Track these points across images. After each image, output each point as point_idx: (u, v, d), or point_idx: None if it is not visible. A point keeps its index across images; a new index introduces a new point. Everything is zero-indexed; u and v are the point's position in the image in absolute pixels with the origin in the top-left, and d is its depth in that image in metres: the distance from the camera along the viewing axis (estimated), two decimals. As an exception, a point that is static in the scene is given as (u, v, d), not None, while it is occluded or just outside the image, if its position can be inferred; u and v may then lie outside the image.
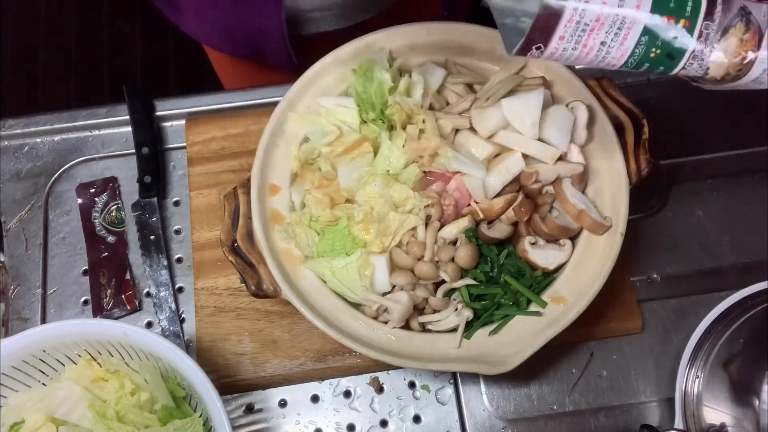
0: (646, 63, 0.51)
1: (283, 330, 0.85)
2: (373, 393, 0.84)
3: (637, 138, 0.79)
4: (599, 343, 0.85)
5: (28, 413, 0.71)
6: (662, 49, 0.49)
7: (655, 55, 0.50)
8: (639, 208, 0.90)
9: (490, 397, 0.83)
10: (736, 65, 0.50)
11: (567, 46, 0.49)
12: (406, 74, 0.81)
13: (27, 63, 2.18)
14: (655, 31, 0.48)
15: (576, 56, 0.50)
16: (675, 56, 0.50)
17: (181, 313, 0.88)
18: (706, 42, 0.49)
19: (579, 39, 0.49)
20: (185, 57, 2.12)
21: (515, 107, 0.76)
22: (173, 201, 0.94)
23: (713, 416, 0.76)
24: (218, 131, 0.94)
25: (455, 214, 0.77)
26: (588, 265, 0.75)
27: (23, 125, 0.97)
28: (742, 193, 0.92)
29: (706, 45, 0.49)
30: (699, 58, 0.50)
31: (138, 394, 0.73)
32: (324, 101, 0.80)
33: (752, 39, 0.49)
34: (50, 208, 0.93)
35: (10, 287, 0.89)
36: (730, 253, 0.89)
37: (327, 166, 0.79)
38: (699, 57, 0.50)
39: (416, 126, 0.77)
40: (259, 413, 0.83)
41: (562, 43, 0.49)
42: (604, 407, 0.83)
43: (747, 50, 0.49)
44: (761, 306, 0.79)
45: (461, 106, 0.80)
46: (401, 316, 0.73)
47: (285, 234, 0.76)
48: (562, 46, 0.49)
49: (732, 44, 0.49)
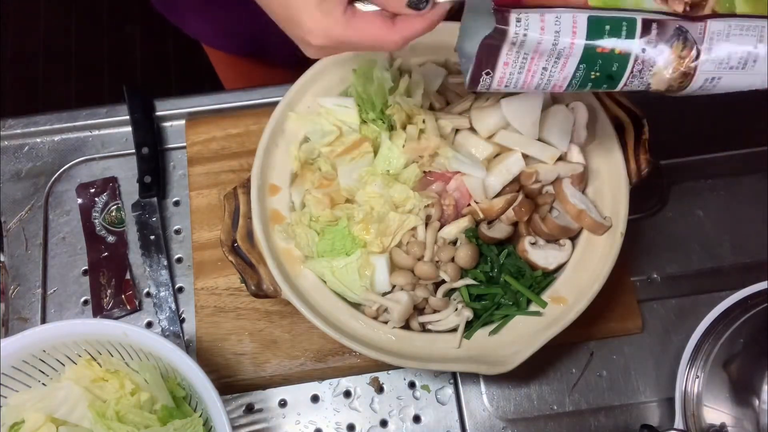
0: (589, 83, 0.52)
1: (283, 330, 0.85)
2: (373, 393, 0.84)
3: (637, 138, 0.79)
4: (599, 343, 0.85)
5: (28, 413, 0.71)
6: (601, 72, 0.51)
7: (596, 77, 0.52)
8: (639, 208, 0.90)
9: (490, 397, 0.83)
10: (677, 79, 0.52)
11: (513, 71, 0.51)
12: (406, 74, 0.81)
13: (27, 63, 2.18)
14: (590, 60, 0.50)
15: (522, 82, 0.52)
16: (615, 77, 0.52)
17: (181, 313, 0.88)
18: (644, 64, 0.51)
19: (522, 65, 0.51)
20: (185, 57, 2.12)
21: (515, 107, 0.76)
22: (173, 201, 0.94)
23: (713, 416, 0.76)
24: (218, 131, 0.94)
25: (455, 214, 0.77)
26: (588, 265, 0.75)
27: (23, 125, 0.97)
28: (742, 193, 0.92)
29: (644, 65, 0.51)
30: (638, 77, 0.52)
31: (138, 394, 0.73)
32: (324, 101, 0.80)
33: (689, 54, 0.51)
34: (50, 208, 0.93)
35: (10, 287, 0.89)
36: (730, 253, 0.89)
37: (327, 166, 0.79)
38: (638, 75, 0.52)
39: (416, 126, 0.77)
40: (259, 413, 0.83)
41: (507, 68, 0.51)
42: (604, 407, 0.83)
43: (686, 64, 0.51)
44: (761, 306, 0.79)
45: (461, 106, 0.80)
46: (401, 316, 0.73)
47: (285, 234, 0.76)
48: (508, 71, 0.51)
49: (670, 60, 0.51)
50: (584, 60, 0.51)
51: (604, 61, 0.51)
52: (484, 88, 0.53)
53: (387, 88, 0.78)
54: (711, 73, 0.52)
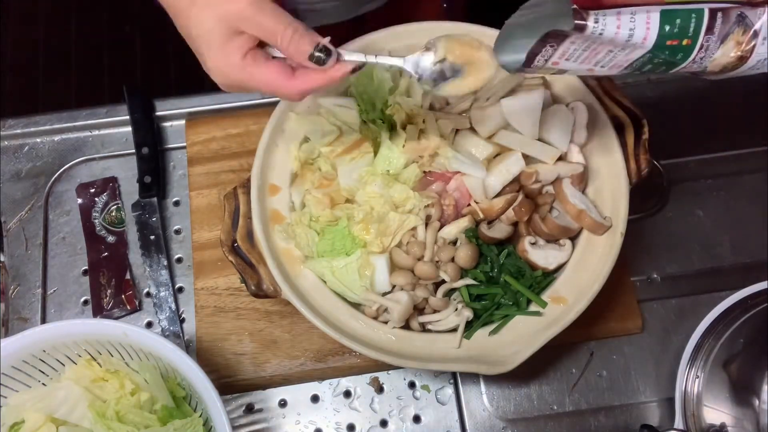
0: (648, 66, 0.54)
1: (283, 330, 0.85)
2: (373, 393, 0.84)
3: (637, 138, 0.79)
4: (599, 343, 0.85)
5: (28, 413, 0.71)
6: (665, 59, 0.54)
7: (658, 62, 0.54)
8: (639, 208, 0.90)
9: (490, 397, 0.83)
10: (733, 61, 0.54)
11: (578, 48, 0.52)
12: (406, 74, 0.81)
13: (27, 63, 2.17)
14: (658, 50, 0.53)
15: (584, 57, 0.53)
16: (676, 63, 0.54)
17: (181, 313, 0.88)
18: (707, 51, 0.53)
19: (589, 46, 0.52)
20: (185, 57, 2.11)
21: (515, 107, 0.76)
22: (173, 201, 0.94)
23: (713, 416, 0.76)
24: (218, 131, 0.94)
25: (455, 214, 0.77)
26: (588, 265, 0.75)
27: (23, 125, 0.97)
28: (742, 193, 0.92)
29: (707, 53, 0.53)
30: (698, 62, 0.54)
31: (138, 394, 0.73)
32: (324, 101, 0.80)
33: (748, 38, 0.52)
34: (50, 208, 0.93)
35: (10, 287, 0.89)
36: (730, 253, 0.89)
37: (327, 166, 0.79)
38: (698, 62, 0.54)
39: (416, 126, 0.77)
40: (259, 413, 0.83)
41: (572, 45, 0.52)
42: (604, 407, 0.83)
43: (743, 48, 0.53)
44: (761, 306, 0.79)
45: (461, 106, 0.80)
46: (401, 316, 0.73)
47: (285, 234, 0.76)
48: (572, 47, 0.52)
49: (730, 46, 0.53)
50: (653, 50, 0.52)
51: (671, 51, 0.53)
52: (540, 62, 0.53)
53: (387, 88, 0.78)
54: (764, 54, 0.54)
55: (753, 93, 0.88)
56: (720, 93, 0.93)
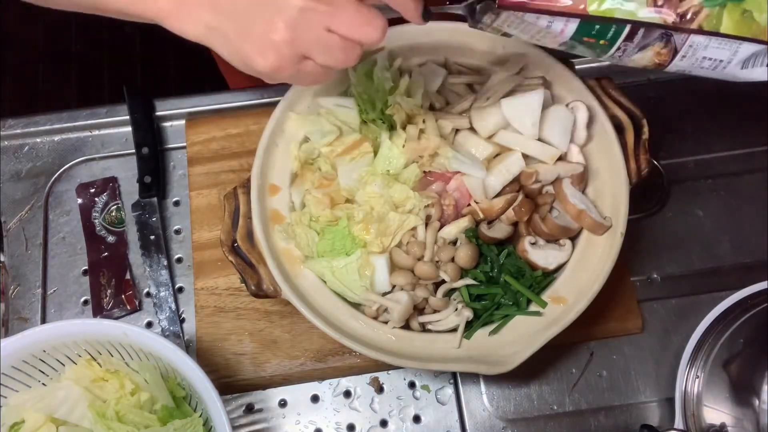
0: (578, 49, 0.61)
1: (283, 330, 0.85)
2: (373, 393, 0.84)
3: (637, 138, 0.79)
4: (599, 343, 0.85)
5: (28, 413, 0.71)
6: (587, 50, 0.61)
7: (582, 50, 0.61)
8: (639, 208, 0.90)
9: (490, 397, 0.83)
10: (651, 65, 0.61)
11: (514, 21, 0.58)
12: (406, 74, 0.81)
13: (27, 64, 2.18)
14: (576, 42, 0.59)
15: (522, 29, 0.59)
16: (598, 54, 0.61)
17: (181, 313, 0.88)
18: (624, 52, 0.60)
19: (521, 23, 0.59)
20: (185, 57, 2.11)
21: (515, 107, 0.76)
22: (173, 201, 0.94)
23: (713, 416, 0.76)
24: (218, 131, 0.94)
25: (455, 214, 0.77)
26: (588, 265, 0.75)
27: (23, 125, 0.97)
28: (742, 193, 0.92)
29: (624, 53, 0.60)
30: (617, 59, 0.61)
31: (138, 394, 0.73)
32: (324, 101, 0.80)
33: (667, 51, 0.59)
34: (50, 208, 0.93)
35: (10, 287, 0.89)
36: (730, 253, 0.89)
37: (327, 166, 0.79)
38: (617, 58, 0.61)
39: (416, 126, 0.77)
40: (259, 413, 0.83)
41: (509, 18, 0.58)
42: (604, 407, 0.83)
43: (662, 58, 0.60)
44: (761, 306, 0.79)
45: (461, 106, 0.80)
46: (401, 316, 0.73)
47: (285, 234, 0.76)
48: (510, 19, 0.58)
49: (648, 54, 0.60)
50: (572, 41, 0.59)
51: (589, 45, 0.60)
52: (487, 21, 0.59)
53: (387, 88, 0.78)
54: (683, 68, 0.61)
55: (753, 93, 0.88)
56: (720, 93, 0.93)
